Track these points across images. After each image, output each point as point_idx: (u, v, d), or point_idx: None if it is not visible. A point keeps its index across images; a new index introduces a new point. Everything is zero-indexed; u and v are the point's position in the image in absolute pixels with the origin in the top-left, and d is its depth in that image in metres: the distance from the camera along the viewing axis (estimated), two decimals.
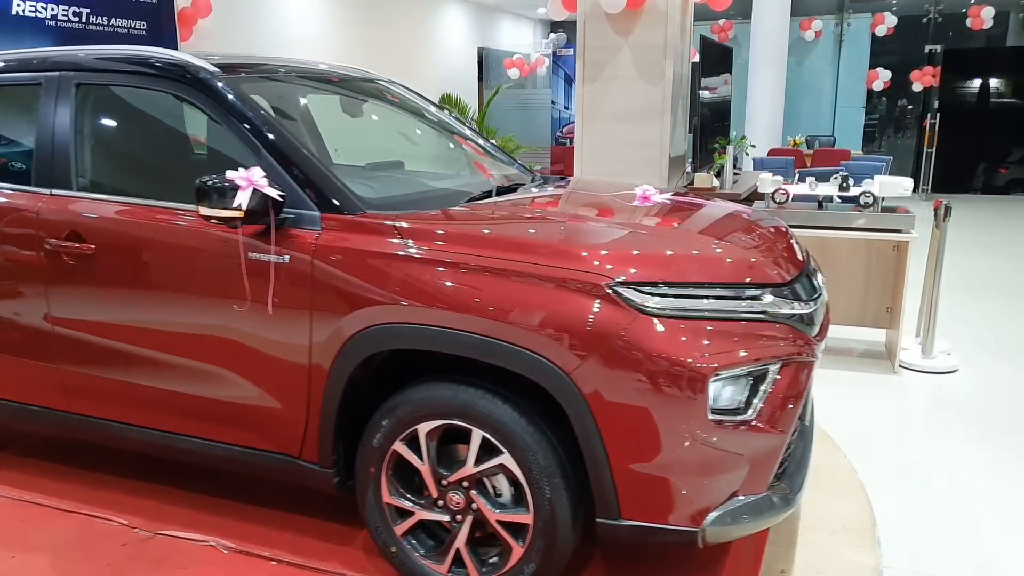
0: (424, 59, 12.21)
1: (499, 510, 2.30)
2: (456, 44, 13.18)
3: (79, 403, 2.87)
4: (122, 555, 2.69)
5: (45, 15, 6.33)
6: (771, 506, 2.26)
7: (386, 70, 11.17)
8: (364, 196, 2.51)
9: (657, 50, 5.72)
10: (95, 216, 2.70)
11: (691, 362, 2.06)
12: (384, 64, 10.95)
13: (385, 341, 2.31)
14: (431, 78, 12.38)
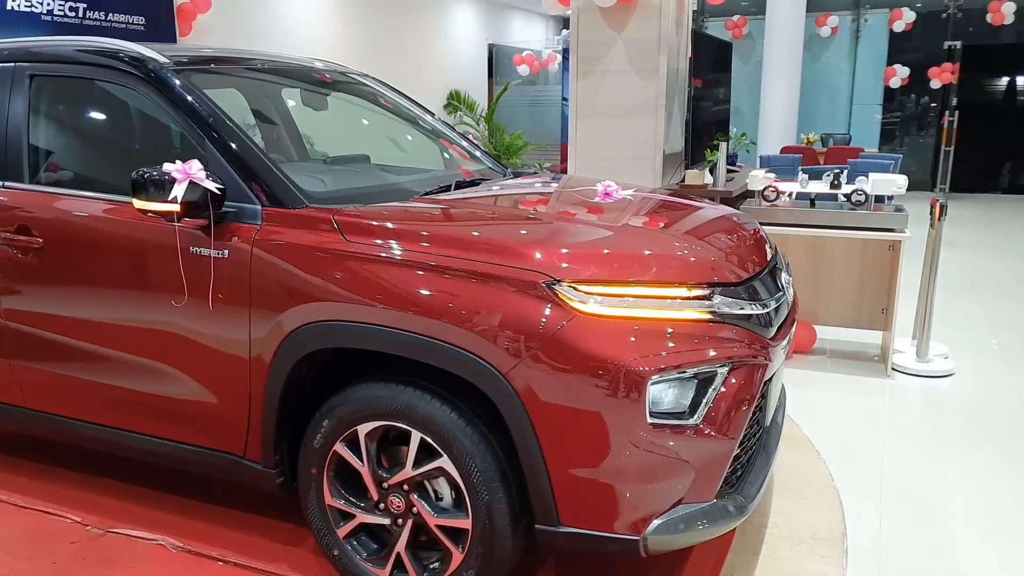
0: (432, 55, 12.15)
1: (439, 514, 2.23)
2: (465, 40, 13.11)
3: (32, 398, 2.84)
4: (69, 553, 2.66)
5: (40, 10, 6.33)
6: (720, 514, 2.17)
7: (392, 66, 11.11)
8: (308, 190, 2.44)
9: (651, 44, 5.61)
10: (43, 210, 2.66)
11: (628, 364, 1.97)
12: (390, 60, 10.94)
13: (321, 339, 2.25)
14: (439, 75, 12.32)
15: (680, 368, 2.03)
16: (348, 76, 3.47)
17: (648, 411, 2.00)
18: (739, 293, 2.24)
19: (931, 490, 3.13)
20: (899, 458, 3.42)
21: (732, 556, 2.65)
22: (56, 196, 2.67)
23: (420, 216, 2.42)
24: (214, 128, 2.45)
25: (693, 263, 2.22)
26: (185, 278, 2.36)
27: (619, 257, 2.17)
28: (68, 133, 2.90)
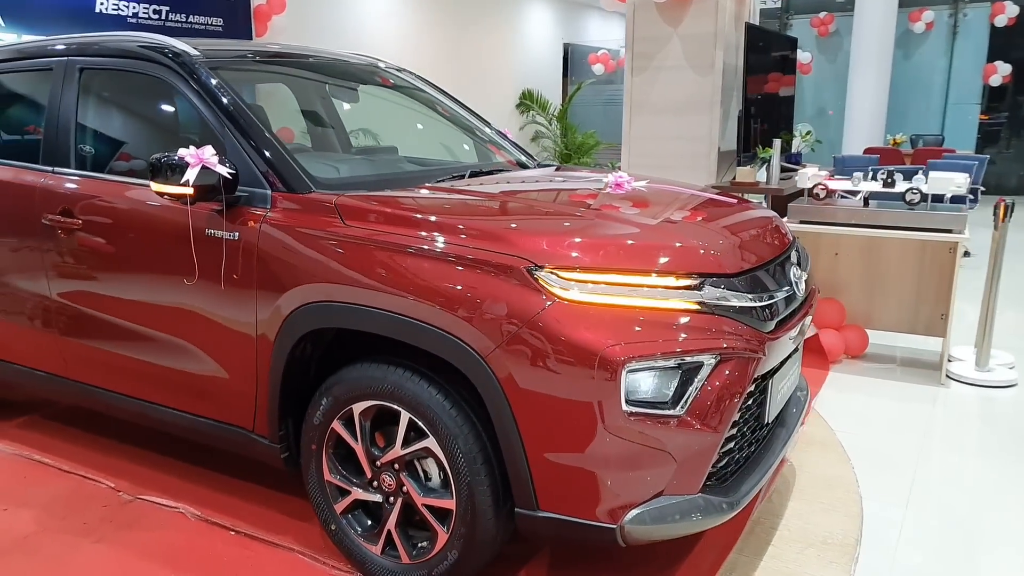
0: (505, 55, 12.25)
1: (425, 494, 2.28)
2: (541, 40, 13.15)
3: (73, 369, 3.04)
4: (100, 515, 2.84)
5: (127, 13, 6.74)
6: (704, 509, 2.13)
7: (463, 66, 11.28)
8: (318, 176, 2.53)
9: (707, 39, 5.52)
10: (81, 193, 2.85)
11: (603, 351, 1.97)
12: (462, 60, 11.09)
13: (318, 319, 2.33)
14: (513, 74, 12.41)
15: (659, 357, 2.01)
16: (386, 72, 3.56)
17: (624, 399, 1.99)
18: (733, 285, 2.20)
19: (963, 504, 2.97)
20: (936, 469, 3.26)
21: (735, 555, 2.60)
22: (93, 180, 2.86)
23: (417, 202, 2.47)
24: (232, 116, 2.57)
25: (682, 252, 2.19)
26: (197, 258, 2.49)
27: (604, 244, 2.16)
28: (110, 121, 3.09)
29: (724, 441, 2.20)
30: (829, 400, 4.02)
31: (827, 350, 4.52)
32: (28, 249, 3.01)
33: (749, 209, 2.77)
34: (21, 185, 3.03)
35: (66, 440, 3.44)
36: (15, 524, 2.78)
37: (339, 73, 3.49)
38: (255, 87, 3.24)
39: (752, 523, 2.80)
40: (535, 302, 2.03)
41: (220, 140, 2.56)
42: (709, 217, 2.57)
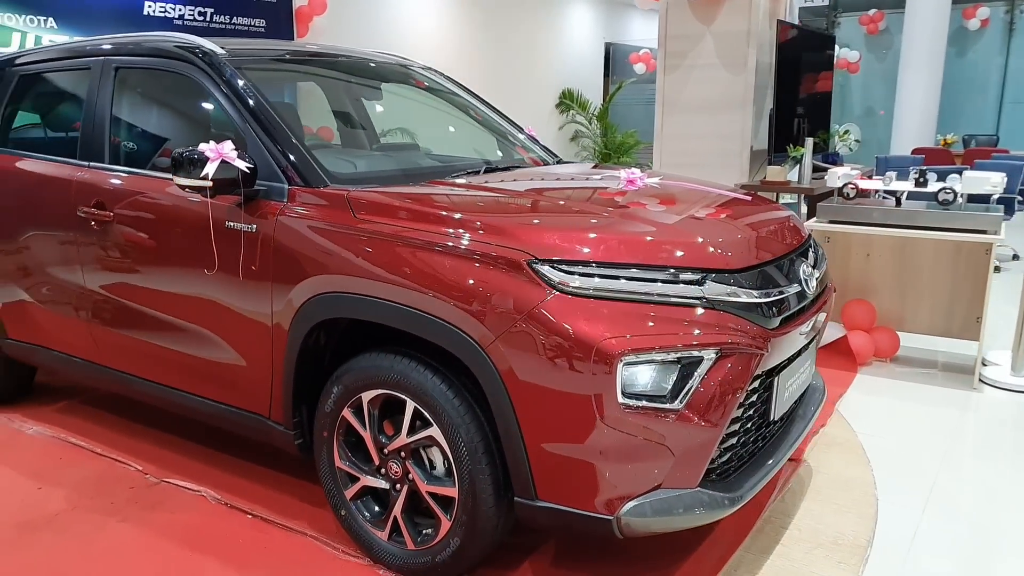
0: (546, 54, 12.26)
1: (430, 482, 2.33)
2: (582, 39, 13.14)
3: (105, 355, 3.17)
4: (126, 496, 2.95)
5: (173, 15, 6.95)
6: (702, 503, 2.14)
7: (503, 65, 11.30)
8: (333, 171, 2.60)
9: (740, 37, 5.48)
10: (113, 187, 2.97)
11: (599, 343, 1.99)
12: (501, 60, 11.15)
13: (329, 309, 2.40)
14: (553, 74, 12.41)
15: (656, 351, 2.02)
16: (412, 71, 3.62)
17: (621, 391, 2.01)
18: (737, 280, 2.20)
19: (983, 512, 2.91)
20: (959, 474, 3.19)
21: (741, 552, 2.59)
22: (124, 174, 2.98)
23: (425, 197, 2.51)
24: (253, 113, 2.66)
25: (685, 247, 2.20)
26: (217, 249, 2.58)
27: (605, 239, 2.18)
28: (142, 118, 3.21)
29: (726, 436, 2.21)
30: (855, 402, 3.96)
31: (856, 352, 4.45)
32: (65, 240, 3.15)
33: (762, 206, 2.76)
34: (60, 179, 3.17)
35: (101, 424, 3.58)
36: (47, 503, 2.91)
37: (363, 72, 3.57)
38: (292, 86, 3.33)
39: (763, 521, 2.78)
40: (535, 295, 2.06)
41: (242, 136, 2.65)
42: (718, 213, 2.57)
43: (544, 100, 12.40)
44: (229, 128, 2.74)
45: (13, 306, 3.46)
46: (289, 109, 3.04)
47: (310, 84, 3.42)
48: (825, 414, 3.72)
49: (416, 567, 2.39)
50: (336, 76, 3.47)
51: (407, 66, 3.70)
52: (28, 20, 6.01)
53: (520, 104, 11.73)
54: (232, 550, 2.60)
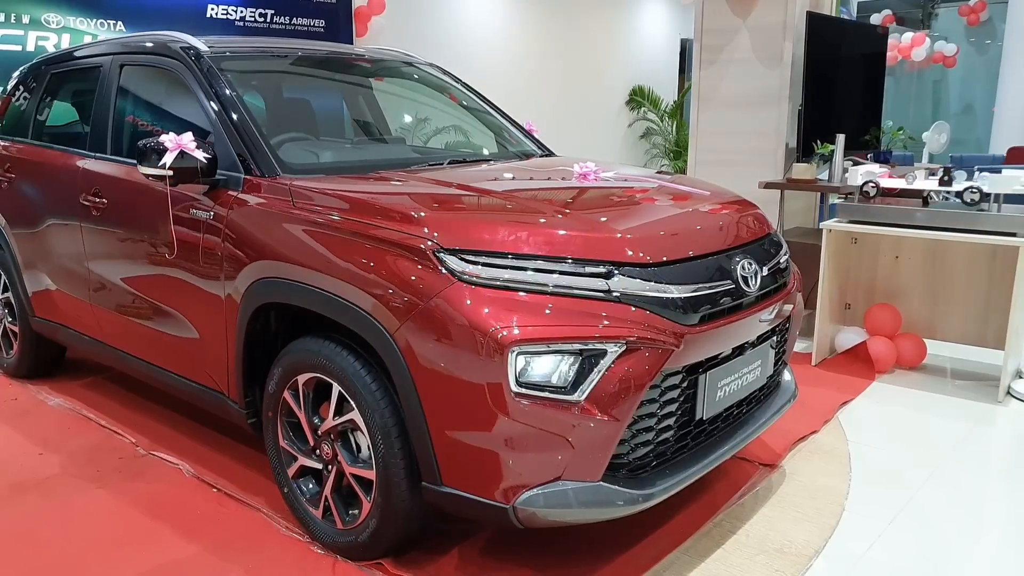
0: (616, 52, 12.13)
1: (352, 464, 2.40)
2: (655, 36, 12.93)
3: (106, 333, 3.40)
4: (112, 466, 3.16)
5: (235, 17, 7.30)
6: (603, 497, 2.13)
7: (571, 63, 11.25)
8: (288, 162, 2.71)
9: (776, 31, 5.30)
10: (105, 175, 3.18)
11: (492, 332, 2.01)
12: (570, 59, 11.13)
13: (267, 294, 2.51)
14: (623, 71, 12.28)
15: (552, 341, 2.02)
16: (416, 66, 3.71)
17: (515, 381, 2.01)
18: (649, 275, 2.17)
19: (953, 531, 2.73)
20: (943, 490, 3.01)
21: (677, 553, 2.54)
22: (114, 164, 3.19)
23: (359, 187, 2.57)
24: (220, 104, 2.80)
25: (593, 241, 2.18)
26: (177, 235, 2.74)
27: (512, 231, 2.18)
28: (138, 111, 3.41)
29: (639, 432, 2.19)
30: (860, 411, 3.79)
31: (875, 359, 4.24)
32: (73, 226, 3.40)
33: (712, 202, 2.69)
34: (70, 169, 3.42)
35: (112, 399, 3.84)
36: (42, 467, 3.15)
37: (353, 69, 3.68)
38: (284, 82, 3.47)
39: (712, 524, 2.71)
40: (438, 283, 2.10)
41: (212, 127, 2.80)
42: (650, 208, 2.54)
43: (613, 97, 12.29)
44: (203, 120, 2.88)
45: (37, 286, 3.75)
46: (261, 102, 3.17)
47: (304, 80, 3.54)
48: (820, 421, 3.58)
49: (342, 545, 2.47)
50: (324, 73, 3.59)
51: (408, 62, 3.79)
52: (99, 23, 6.45)
53: (587, 101, 11.69)
54: (189, 520, 2.74)
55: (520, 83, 10.52)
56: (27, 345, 4.00)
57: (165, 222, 2.80)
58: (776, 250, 2.73)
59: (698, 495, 2.88)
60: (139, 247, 3.04)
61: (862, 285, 4.64)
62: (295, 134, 3.14)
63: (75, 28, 6.28)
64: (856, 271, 4.63)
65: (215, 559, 2.50)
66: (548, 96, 11.00)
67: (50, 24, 6.17)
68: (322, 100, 3.48)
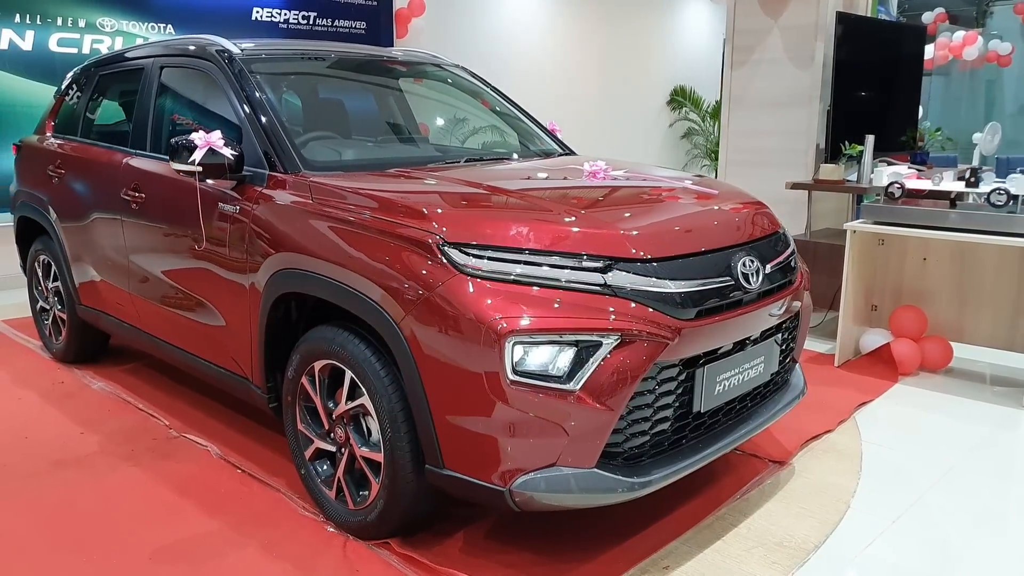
0: (659, 52, 12.13)
1: (363, 446, 2.51)
2: (697, 35, 12.88)
3: (143, 320, 3.59)
4: (146, 446, 3.34)
5: (279, 19, 7.53)
6: (598, 484, 2.20)
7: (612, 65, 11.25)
8: (310, 159, 2.84)
9: (808, 31, 5.29)
10: (143, 171, 3.37)
11: (490, 322, 2.10)
12: (610, 59, 11.18)
13: (286, 284, 2.64)
14: (666, 71, 12.27)
15: (547, 332, 2.10)
16: (444, 68, 3.83)
17: (512, 369, 2.10)
18: (647, 270, 2.24)
19: (956, 532, 2.72)
20: (952, 493, 3.00)
21: (677, 543, 2.59)
22: (151, 160, 3.37)
23: (374, 184, 2.69)
24: (249, 104, 2.95)
25: (591, 236, 2.26)
26: (206, 228, 2.90)
27: (513, 226, 2.27)
28: (176, 110, 3.58)
29: (635, 422, 2.26)
30: (879, 412, 3.78)
31: (898, 361, 4.22)
32: (115, 219, 3.59)
33: (716, 200, 2.75)
34: (111, 165, 3.62)
35: (150, 384, 4.04)
36: (82, 445, 3.35)
37: (381, 70, 3.81)
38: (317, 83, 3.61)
39: (713, 517, 2.76)
40: (441, 275, 2.20)
41: (240, 126, 2.95)
42: (653, 205, 2.60)
43: (654, 97, 12.29)
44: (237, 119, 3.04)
45: (83, 276, 3.97)
46: (288, 101, 3.31)
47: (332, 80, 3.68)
48: (835, 420, 3.59)
49: (353, 525, 2.58)
50: (351, 74, 3.72)
51: (435, 64, 3.90)
52: (150, 27, 6.73)
53: (628, 101, 11.72)
54: (213, 498, 2.89)
55: (560, 83, 10.61)
56: (74, 332, 4.22)
57: (195, 215, 2.95)
58: (783, 248, 2.77)
59: (703, 488, 2.94)
60: (173, 239, 3.21)
61: (889, 287, 4.61)
62: (321, 133, 3.27)
63: (127, 31, 6.57)
64: (883, 273, 4.60)
65: (233, 534, 2.65)
66: (588, 96, 11.07)
67: (104, 28, 6.46)
68: (349, 100, 3.61)
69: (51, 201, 4.12)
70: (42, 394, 3.95)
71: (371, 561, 2.48)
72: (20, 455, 3.25)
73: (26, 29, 6.10)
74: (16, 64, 6.09)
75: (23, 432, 3.49)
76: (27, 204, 4.35)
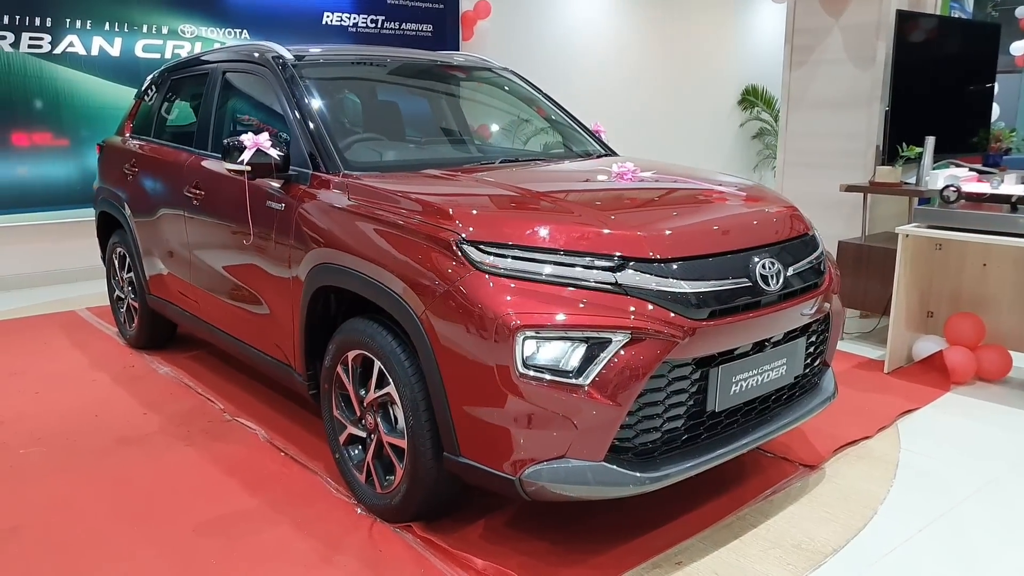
0: (730, 51, 11.94)
1: (389, 433, 2.64)
2: (769, 34, 12.59)
3: (203, 310, 3.83)
4: (200, 428, 3.56)
5: (348, 23, 7.79)
6: (606, 477, 2.26)
7: (680, 65, 11.14)
8: (352, 160, 2.99)
9: (869, 30, 5.17)
10: (204, 169, 3.59)
11: (503, 317, 2.19)
12: (679, 59, 11.10)
13: (323, 278, 2.80)
14: (737, 70, 12.08)
15: (557, 328, 2.18)
16: (495, 72, 3.95)
17: (522, 363, 2.19)
18: (659, 269, 2.29)
19: (984, 547, 2.65)
20: (988, 505, 2.92)
21: (694, 540, 2.63)
22: (212, 159, 3.59)
23: (409, 182, 2.81)
24: (297, 107, 3.12)
25: (604, 236, 2.32)
26: (254, 224, 3.09)
27: (531, 224, 2.36)
28: (235, 112, 3.80)
29: (645, 418, 2.31)
30: (924, 420, 3.70)
31: (951, 369, 4.10)
32: (179, 215, 3.84)
33: (741, 202, 2.76)
34: (177, 164, 3.87)
35: (211, 370, 4.29)
36: (144, 425, 3.60)
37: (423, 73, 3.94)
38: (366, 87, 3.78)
39: (735, 517, 2.78)
40: (459, 271, 2.30)
41: (289, 128, 3.13)
42: (674, 206, 2.64)
43: (725, 97, 12.12)
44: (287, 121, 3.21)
45: (152, 267, 4.24)
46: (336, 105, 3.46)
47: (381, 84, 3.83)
48: (875, 427, 3.53)
49: (380, 507, 2.72)
50: (400, 78, 3.87)
51: (484, 67, 4.01)
52: (227, 32, 7.08)
53: (698, 101, 11.59)
54: (256, 478, 3.08)
55: (627, 83, 10.59)
56: (144, 320, 4.52)
57: (245, 212, 3.14)
58: (810, 251, 2.76)
59: (728, 488, 2.95)
60: (228, 234, 3.42)
61: (947, 293, 4.48)
62: (367, 134, 3.43)
63: (206, 37, 6.92)
64: (940, 278, 4.47)
65: (270, 511, 2.82)
66: (657, 96, 11.02)
67: (185, 34, 6.83)
68: (396, 103, 3.75)
69: (126, 197, 4.41)
70: (113, 376, 4.25)
71: (394, 542, 2.61)
72: (89, 432, 3.52)
73: (115, 36, 6.51)
74: (105, 69, 6.50)
75: (94, 411, 3.77)
76: (106, 200, 4.67)
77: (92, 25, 6.39)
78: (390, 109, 3.72)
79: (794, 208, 2.89)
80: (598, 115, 10.49)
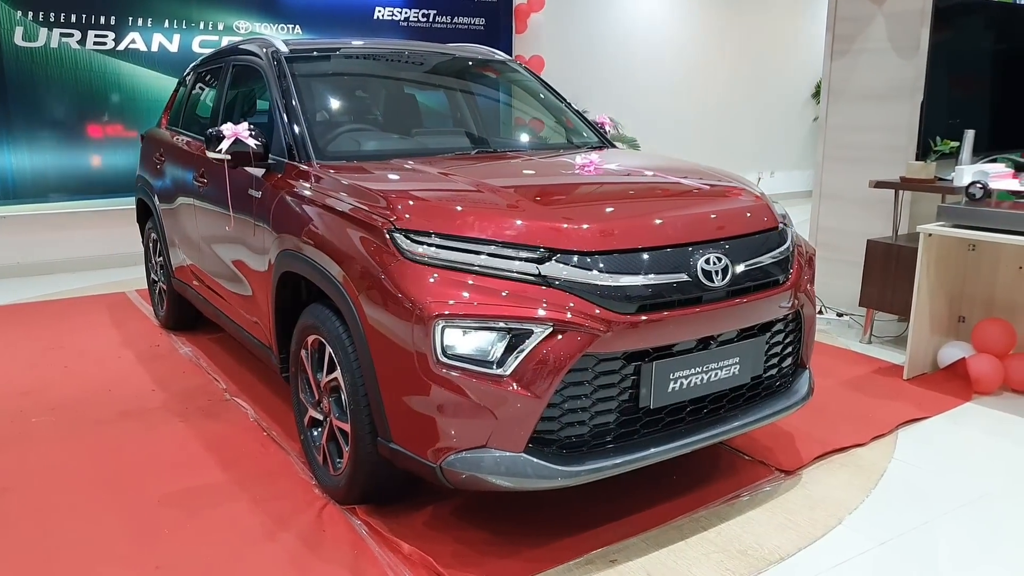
0: (802, 45, 11.47)
1: (338, 417, 2.70)
2: None
3: (213, 295, 4.00)
4: (200, 405, 3.73)
5: (399, 17, 7.92)
6: (525, 469, 2.25)
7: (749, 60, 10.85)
8: (325, 150, 3.07)
9: (914, 17, 4.88)
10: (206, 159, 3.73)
11: (419, 306, 2.21)
12: (748, 51, 10.79)
13: (286, 264, 2.88)
14: (806, 65, 11.58)
15: (475, 318, 2.18)
16: (494, 64, 3.97)
17: (441, 351, 2.20)
18: (586, 262, 2.25)
19: (949, 565, 2.50)
20: (969, 521, 2.74)
21: (636, 539, 2.57)
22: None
23: (367, 173, 2.85)
24: (282, 99, 3.22)
25: (531, 227, 2.30)
26: (234, 210, 3.20)
27: (460, 214, 2.36)
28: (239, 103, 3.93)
29: (570, 411, 2.28)
30: (930, 429, 3.49)
31: (974, 378, 3.85)
32: (190, 201, 4.02)
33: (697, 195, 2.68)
34: (190, 154, 4.06)
35: (226, 351, 4.47)
36: (149, 400, 3.79)
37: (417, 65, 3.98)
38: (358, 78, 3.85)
39: (688, 518, 2.71)
40: (388, 259, 2.34)
41: (274, 118, 3.24)
42: (619, 199, 2.59)
43: (798, 91, 11.70)
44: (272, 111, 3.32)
45: (174, 251, 4.46)
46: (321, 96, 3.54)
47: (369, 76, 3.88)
48: (870, 435, 3.35)
49: (331, 488, 2.79)
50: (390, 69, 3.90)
51: (484, 59, 4.02)
52: (279, 28, 7.32)
53: (768, 95, 11.24)
54: (232, 455, 3.20)
55: (691, 78, 10.39)
56: (171, 302, 4.75)
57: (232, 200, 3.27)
58: (774, 246, 2.65)
59: (693, 489, 2.88)
60: (219, 220, 3.56)
61: (980, 297, 4.20)
62: (355, 125, 3.49)
63: (259, 32, 7.18)
64: (973, 281, 4.20)
65: (234, 488, 2.93)
66: (724, 90, 10.76)
67: (239, 30, 7.11)
68: (390, 94, 3.80)
69: (155, 186, 4.65)
70: (138, 354, 4.49)
71: (339, 524, 2.67)
72: (98, 405, 3.73)
73: (173, 33, 6.84)
74: (164, 64, 6.85)
75: (109, 386, 4.00)
76: (142, 188, 4.94)
77: (152, 23, 6.74)
78: (379, 100, 3.77)
79: (763, 200, 2.78)
80: (659, 110, 10.27)
